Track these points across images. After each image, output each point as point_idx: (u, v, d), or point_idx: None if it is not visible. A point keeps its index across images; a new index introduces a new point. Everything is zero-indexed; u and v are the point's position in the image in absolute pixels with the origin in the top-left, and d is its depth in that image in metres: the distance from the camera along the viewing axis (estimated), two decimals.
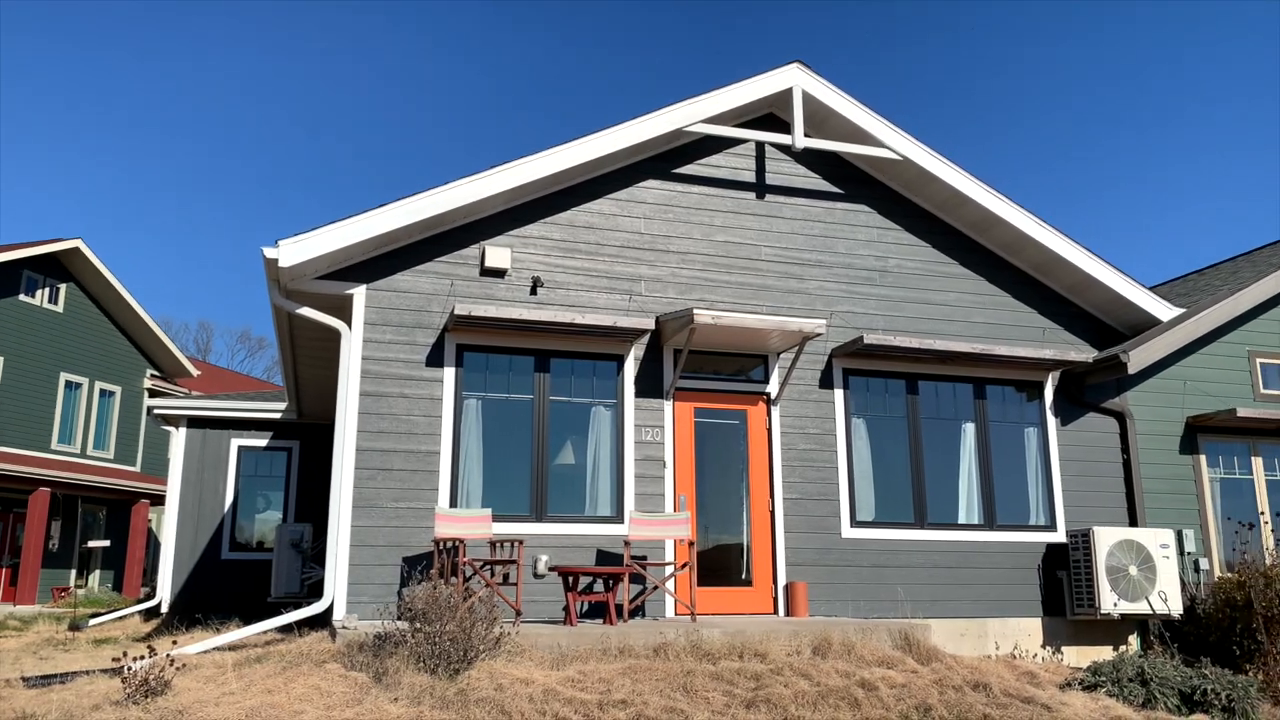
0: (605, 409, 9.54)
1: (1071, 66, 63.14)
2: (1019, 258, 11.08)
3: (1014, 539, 10.39)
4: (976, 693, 6.90)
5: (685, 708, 5.90)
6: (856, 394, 10.36)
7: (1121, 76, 63.27)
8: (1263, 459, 11.42)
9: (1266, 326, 11.83)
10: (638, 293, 9.82)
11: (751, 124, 10.47)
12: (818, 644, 7.44)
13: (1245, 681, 7.63)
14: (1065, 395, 10.89)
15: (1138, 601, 9.82)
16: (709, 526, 9.70)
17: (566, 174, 9.63)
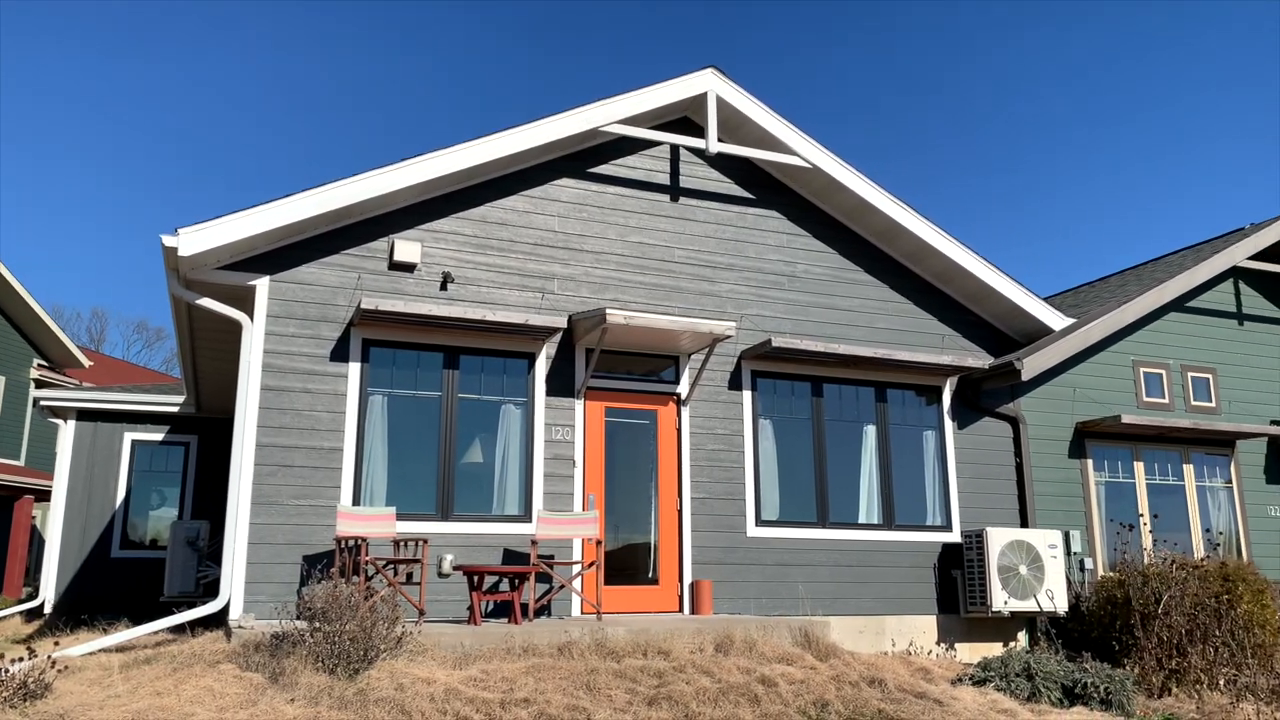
0: (515, 407, 9.50)
1: (995, 72, 65.30)
2: (921, 266, 11.42)
3: (912, 539, 10.71)
4: (872, 688, 7.10)
5: (588, 706, 5.92)
6: (764, 395, 10.54)
7: (1046, 81, 65.69)
8: (1144, 463, 12.02)
9: (1149, 338, 12.46)
10: (550, 291, 9.80)
11: (667, 126, 10.55)
12: (720, 641, 7.55)
13: (1122, 675, 8.03)
14: (962, 400, 11.28)
15: (1027, 600, 10.22)
16: (618, 526, 9.75)
17: (480, 169, 9.56)
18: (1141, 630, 9.21)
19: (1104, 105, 61.35)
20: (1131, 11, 55.77)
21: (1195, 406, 12.49)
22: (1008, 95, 62.77)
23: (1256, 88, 60.34)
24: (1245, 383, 12.93)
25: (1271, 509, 12.58)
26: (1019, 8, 54.85)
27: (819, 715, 6.36)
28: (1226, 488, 12.45)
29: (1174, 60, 59.65)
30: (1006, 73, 63.01)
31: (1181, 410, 12.39)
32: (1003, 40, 58.74)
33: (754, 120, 10.50)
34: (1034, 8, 53.93)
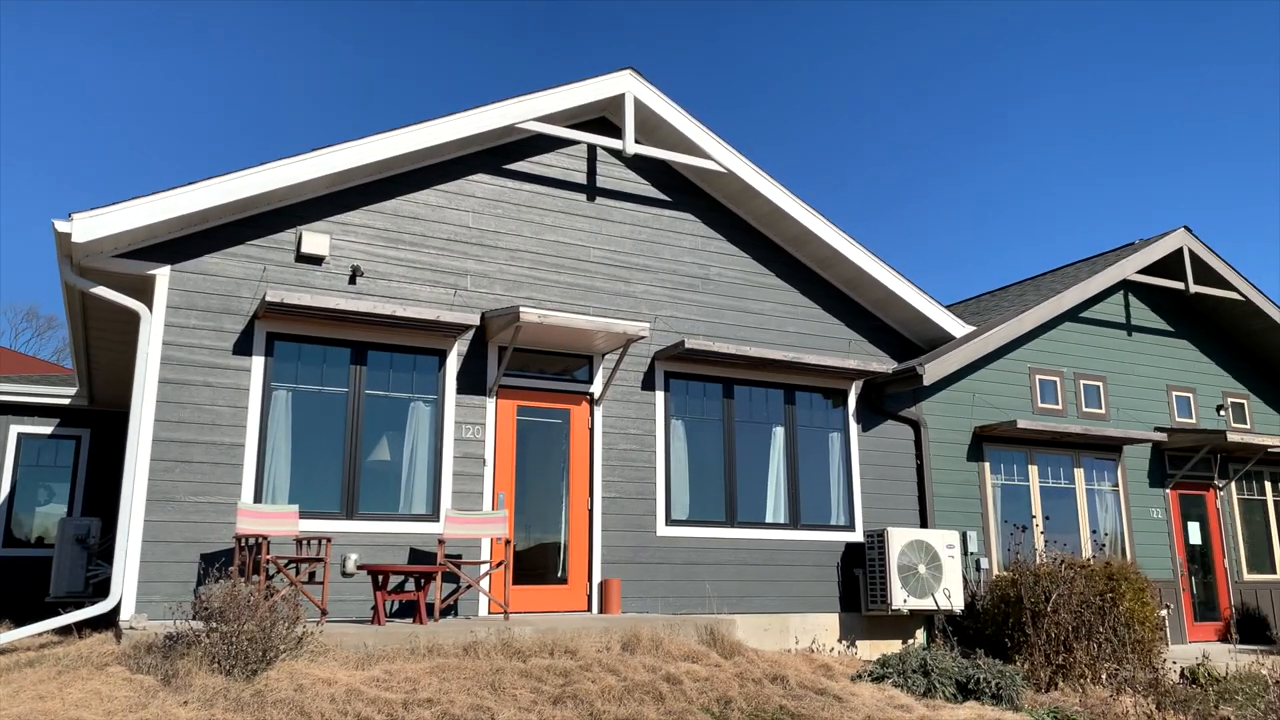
0: (425, 405, 9.38)
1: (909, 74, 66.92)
2: (830, 272, 11.68)
3: (817, 538, 10.94)
4: (775, 685, 7.23)
5: (492, 705, 5.90)
6: (677, 396, 10.63)
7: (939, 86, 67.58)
8: (1038, 467, 12.51)
9: (1045, 346, 12.98)
10: (463, 288, 9.71)
11: (584, 126, 10.56)
12: (627, 640, 7.59)
13: (1012, 670, 8.34)
14: (867, 403, 11.57)
15: (925, 598, 10.54)
16: (528, 525, 9.72)
17: (392, 162, 9.42)
18: (1032, 627, 9.58)
19: (1004, 111, 63.50)
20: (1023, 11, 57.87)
21: (1086, 413, 13.06)
22: (911, 96, 64.53)
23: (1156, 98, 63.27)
24: (1132, 390, 13.57)
25: (1154, 511, 13.24)
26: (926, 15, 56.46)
27: (722, 712, 6.45)
28: (1114, 491, 13.04)
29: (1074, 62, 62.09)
30: (911, 74, 64.79)
31: (1074, 416, 12.94)
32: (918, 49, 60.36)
33: (670, 123, 10.58)
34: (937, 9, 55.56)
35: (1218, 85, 54.93)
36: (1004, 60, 56.60)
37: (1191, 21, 53.33)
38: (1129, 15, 53.37)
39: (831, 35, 56.89)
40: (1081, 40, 54.34)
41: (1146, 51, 54.64)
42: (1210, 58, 54.41)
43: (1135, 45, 55.07)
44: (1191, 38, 54.02)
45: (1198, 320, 14.52)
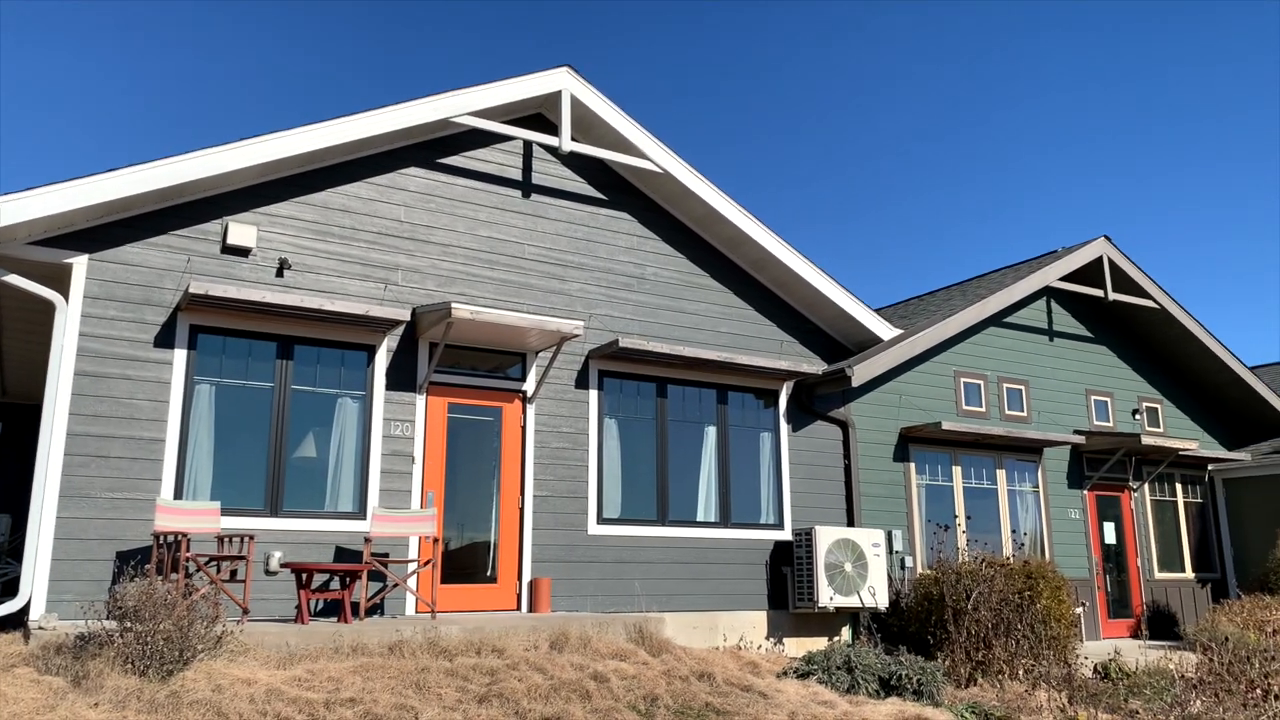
0: (353, 401, 9.24)
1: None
2: (764, 275, 11.80)
3: (746, 536, 11.05)
4: (701, 682, 7.30)
5: (416, 704, 5.84)
6: (610, 395, 10.64)
7: None
8: (961, 468, 12.82)
9: (970, 350, 13.30)
10: (394, 282, 9.59)
11: (520, 122, 10.51)
12: (555, 638, 7.59)
13: (933, 667, 8.53)
14: (797, 404, 11.72)
15: (851, 596, 10.72)
16: (458, 524, 9.64)
17: (323, 153, 9.27)
18: (953, 625, 9.81)
19: (943, 117, 64.83)
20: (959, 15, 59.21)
21: (1009, 415, 13.42)
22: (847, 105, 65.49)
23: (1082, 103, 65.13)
24: (1053, 394, 13.98)
25: (1071, 512, 13.65)
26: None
27: (648, 710, 6.48)
28: (1034, 491, 13.42)
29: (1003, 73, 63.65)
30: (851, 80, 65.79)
31: (997, 418, 13.28)
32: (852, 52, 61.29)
33: (607, 121, 10.59)
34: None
35: (1143, 94, 56.82)
36: (951, 70, 57.74)
37: (1121, 30, 55.07)
38: (1063, 26, 54.86)
39: (774, 40, 57.51)
40: (1025, 49, 55.69)
41: (1078, 60, 56.24)
42: (1133, 67, 56.25)
43: (1065, 55, 56.62)
44: (1120, 47, 55.76)
45: (1116, 327, 15.02)
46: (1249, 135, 60.22)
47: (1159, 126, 56.91)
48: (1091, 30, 50.39)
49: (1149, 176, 60.81)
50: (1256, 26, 48.93)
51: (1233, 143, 59.92)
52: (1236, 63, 50.38)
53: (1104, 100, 54.34)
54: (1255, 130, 60.41)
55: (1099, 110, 56.49)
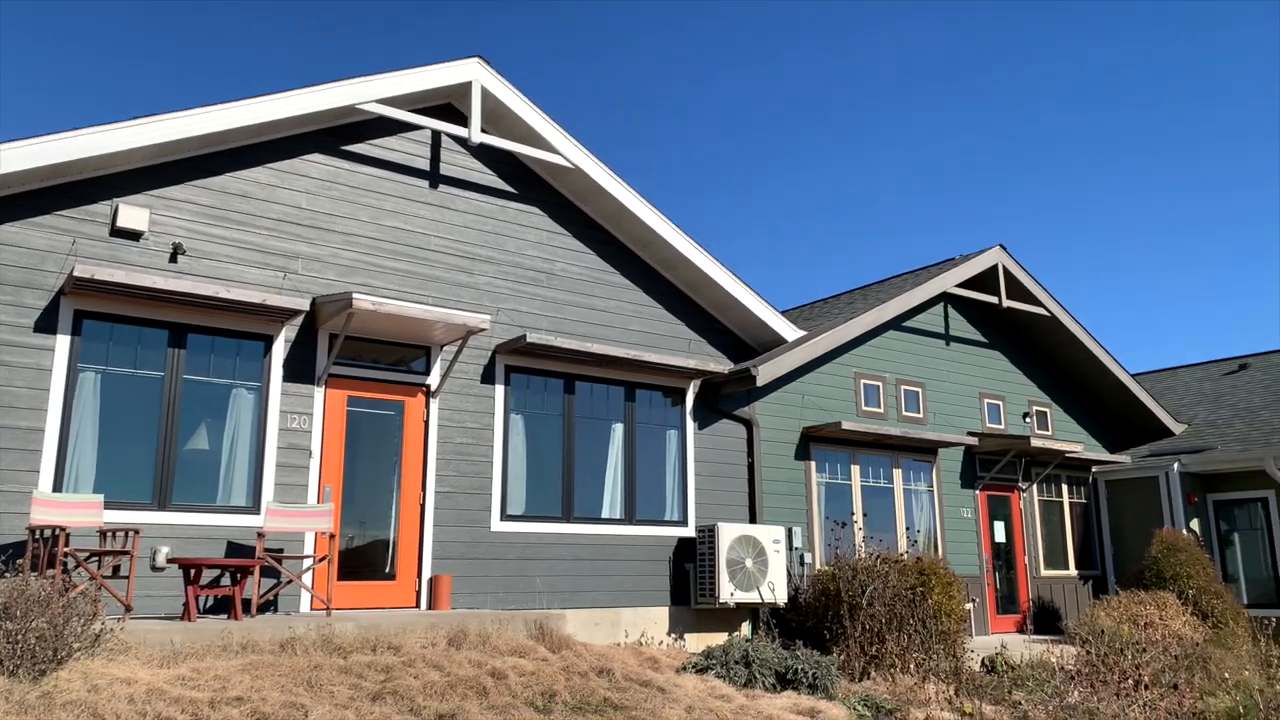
0: (248, 392, 8.97)
1: None
2: (673, 274, 11.89)
3: (651, 533, 11.11)
4: (600, 678, 7.30)
5: (307, 702, 5.70)
6: (517, 390, 10.57)
7: None
8: (860, 467, 13.13)
9: (870, 352, 13.64)
10: (294, 271, 9.34)
11: (430, 111, 10.35)
12: (454, 636, 7.50)
13: (829, 661, 8.72)
14: (704, 402, 11.85)
15: (751, 591, 10.88)
16: (357, 519, 9.44)
17: (222, 136, 8.97)
18: (849, 620, 10.05)
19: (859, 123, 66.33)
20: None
21: (906, 416, 13.81)
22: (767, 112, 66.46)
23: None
24: (948, 397, 14.44)
25: (964, 511, 14.13)
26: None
27: (546, 706, 6.46)
28: (929, 491, 13.84)
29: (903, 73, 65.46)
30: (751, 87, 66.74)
31: (894, 419, 13.65)
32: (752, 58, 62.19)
33: (518, 114, 10.52)
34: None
35: (1040, 104, 59.13)
36: (855, 71, 59.06)
37: (1013, 40, 57.18)
38: (959, 34, 56.68)
39: (685, 43, 57.96)
40: (922, 59, 57.34)
41: (973, 69, 58.20)
42: (1029, 77, 58.49)
43: (963, 64, 58.57)
44: (1013, 57, 57.91)
45: (1009, 333, 15.59)
46: (1144, 142, 63.18)
47: (1051, 133, 59.29)
48: (987, 32, 52.22)
49: (1043, 186, 63.34)
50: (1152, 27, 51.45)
51: (1126, 151, 62.78)
52: (1134, 65, 52.87)
53: (1002, 103, 56.37)
54: (1150, 137, 63.40)
55: (998, 114, 58.59)
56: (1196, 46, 56.93)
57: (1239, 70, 56.78)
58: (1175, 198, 64.79)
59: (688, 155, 62.66)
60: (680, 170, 59.92)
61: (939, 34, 50.93)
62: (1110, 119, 57.85)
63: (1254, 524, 15.34)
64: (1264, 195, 63.76)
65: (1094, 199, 63.61)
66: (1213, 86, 58.31)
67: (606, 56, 57.56)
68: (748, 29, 51.77)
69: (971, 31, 53.64)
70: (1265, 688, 9.83)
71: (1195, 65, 57.92)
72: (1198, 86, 58.35)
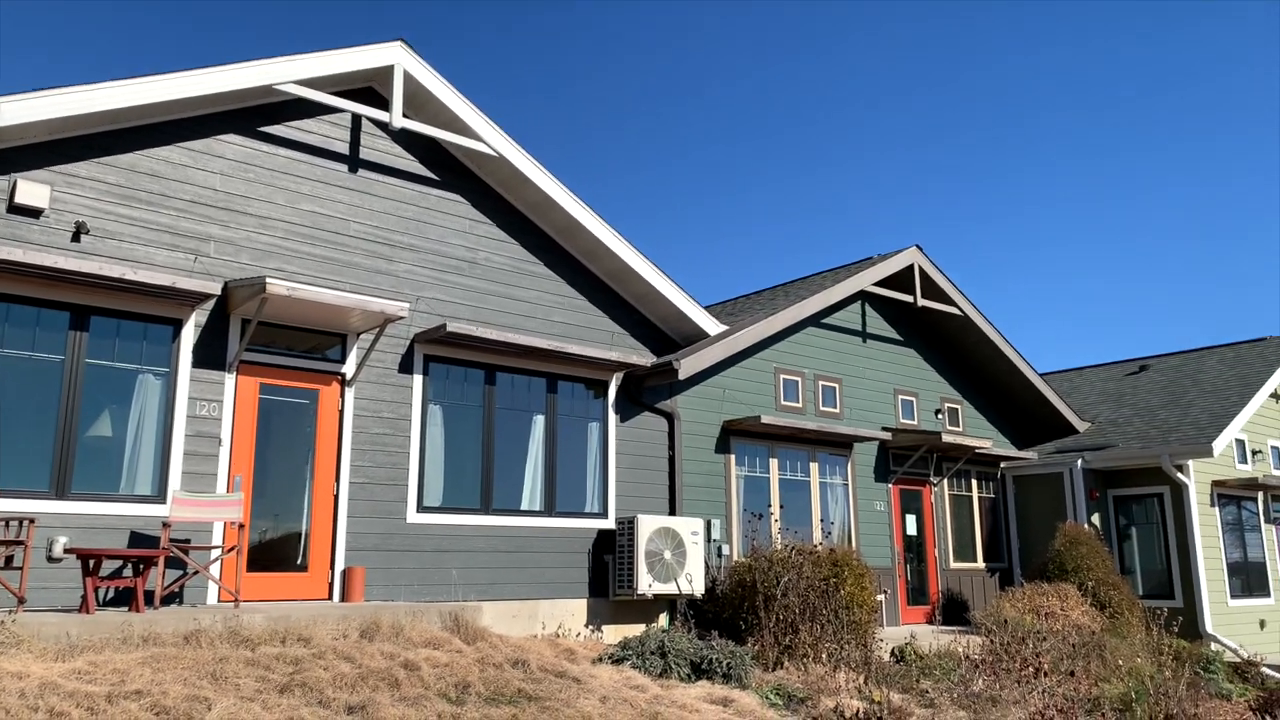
0: (155, 378, 8.68)
1: None
2: (597, 265, 11.88)
3: (570, 525, 11.10)
4: (516, 669, 7.28)
5: (210, 695, 5.55)
6: (436, 381, 10.45)
7: None
8: (778, 460, 13.32)
9: (790, 348, 13.84)
10: (206, 254, 9.07)
11: (351, 94, 10.13)
12: (367, 627, 7.39)
13: (742, 651, 8.85)
14: (626, 395, 11.87)
15: (669, 583, 10.95)
16: (268, 510, 9.21)
17: (131, 112, 8.65)
18: (764, 610, 10.20)
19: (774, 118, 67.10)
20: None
21: (823, 411, 14.06)
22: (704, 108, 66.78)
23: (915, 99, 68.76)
24: (864, 393, 14.74)
25: (877, 504, 14.44)
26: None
27: (459, 697, 6.41)
28: (844, 485, 14.11)
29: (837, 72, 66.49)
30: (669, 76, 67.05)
31: (812, 414, 13.88)
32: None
33: (441, 100, 10.38)
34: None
35: (950, 110, 60.66)
36: (775, 71, 59.74)
37: (937, 50, 58.56)
38: (885, 36, 57.82)
39: (608, 39, 57.92)
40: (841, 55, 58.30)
41: (879, 73, 59.47)
42: (952, 86, 59.99)
43: (871, 68, 59.79)
44: (928, 62, 59.32)
45: (924, 331, 15.98)
46: (1058, 147, 65.25)
47: (972, 137, 60.87)
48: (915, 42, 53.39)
49: (963, 188, 65.03)
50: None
51: (1041, 156, 64.72)
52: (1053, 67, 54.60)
53: (926, 108, 57.68)
54: (1062, 142, 65.48)
55: (918, 118, 59.92)
56: (1110, 54, 59.03)
57: (1149, 78, 59.06)
58: (1085, 206, 67.14)
59: (616, 152, 62.60)
60: (611, 170, 59.84)
61: (867, 44, 51.86)
62: (1028, 127, 59.61)
63: (1150, 519, 16.03)
64: (1168, 203, 66.47)
65: (1010, 205, 65.57)
66: (1121, 94, 60.54)
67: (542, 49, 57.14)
68: (678, 32, 51.93)
69: (899, 43, 54.72)
70: (1155, 674, 10.30)
71: (1107, 72, 60.06)
72: (1108, 95, 60.52)
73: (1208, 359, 19.58)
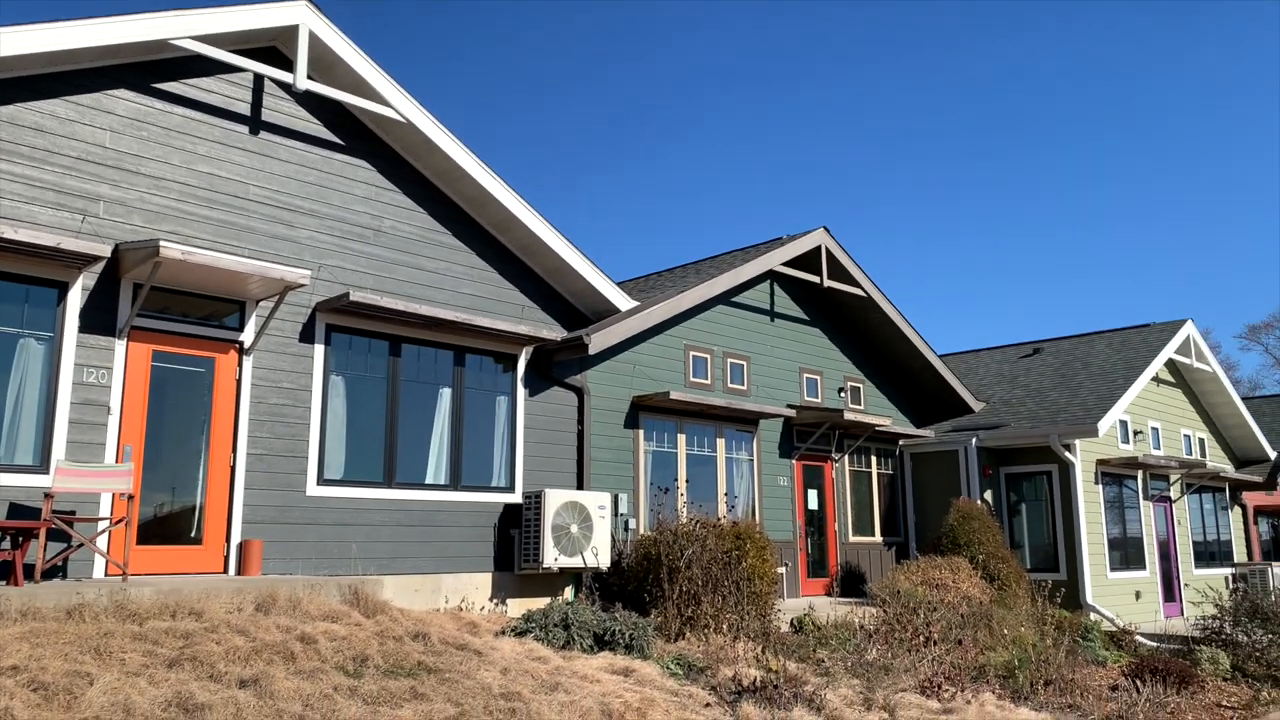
0: (38, 343, 8.28)
1: None
2: (508, 237, 11.76)
3: (476, 499, 11.03)
4: (416, 642, 7.22)
5: (93, 670, 5.36)
6: (339, 351, 10.23)
7: None
8: (686, 436, 13.47)
9: (700, 325, 13.97)
10: (95, 214, 8.67)
11: (253, 54, 9.78)
12: (262, 601, 7.23)
13: (645, 622, 8.95)
14: (535, 369, 11.82)
15: (575, 556, 10.99)
16: (160, 481, 8.91)
17: (11, 62, 8.18)
18: (668, 582, 10.32)
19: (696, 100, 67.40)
20: None
21: (731, 388, 14.25)
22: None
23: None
24: (771, 370, 14.99)
25: (780, 479, 14.73)
26: None
27: (357, 670, 6.33)
28: (749, 460, 14.35)
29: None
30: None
31: (720, 391, 14.06)
32: None
33: (348, 63, 10.10)
34: None
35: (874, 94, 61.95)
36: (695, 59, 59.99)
37: (849, 42, 59.60)
38: (791, 26, 58.58)
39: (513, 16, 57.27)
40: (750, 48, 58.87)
41: (798, 57, 60.38)
42: (865, 78, 61.18)
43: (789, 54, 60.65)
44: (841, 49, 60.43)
45: (829, 311, 16.30)
46: (967, 141, 66.93)
47: (876, 126, 62.04)
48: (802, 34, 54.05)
49: (868, 176, 66.24)
50: None
51: (950, 148, 66.36)
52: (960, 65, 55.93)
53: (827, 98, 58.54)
54: (968, 136, 67.18)
55: (827, 107, 60.78)
56: (1012, 50, 60.67)
57: (1047, 74, 60.89)
58: (986, 198, 69.15)
59: (533, 130, 61.79)
60: (525, 144, 59.06)
61: (785, 27, 52.24)
62: (938, 122, 60.98)
63: (1039, 495, 16.74)
64: (1067, 199, 68.91)
65: (916, 195, 67.10)
66: (1027, 86, 62.33)
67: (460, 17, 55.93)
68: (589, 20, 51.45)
69: (816, 30, 55.27)
70: (1038, 643, 10.80)
71: (1011, 68, 61.71)
72: (1012, 87, 62.27)
73: (1097, 343, 20.47)
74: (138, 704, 4.88)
